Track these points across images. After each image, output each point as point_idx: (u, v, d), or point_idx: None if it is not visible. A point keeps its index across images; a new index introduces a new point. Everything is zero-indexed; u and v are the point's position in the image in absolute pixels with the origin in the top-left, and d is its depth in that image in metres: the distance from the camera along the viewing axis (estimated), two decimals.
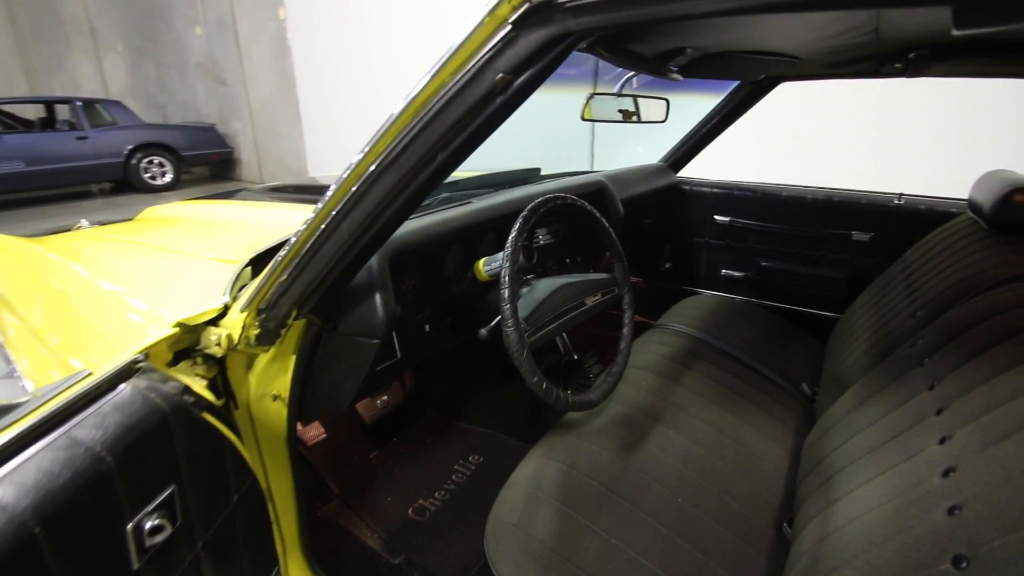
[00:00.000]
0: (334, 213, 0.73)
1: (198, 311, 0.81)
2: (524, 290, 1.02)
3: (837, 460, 0.91)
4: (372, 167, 0.67)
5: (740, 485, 1.05)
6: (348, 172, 0.69)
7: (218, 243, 1.31)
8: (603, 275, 1.13)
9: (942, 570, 0.53)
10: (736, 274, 2.07)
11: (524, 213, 0.92)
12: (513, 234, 0.87)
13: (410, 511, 1.45)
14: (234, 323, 0.82)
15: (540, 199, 0.97)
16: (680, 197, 2.13)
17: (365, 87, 5.88)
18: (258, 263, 0.99)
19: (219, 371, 0.83)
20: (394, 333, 1.06)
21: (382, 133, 0.65)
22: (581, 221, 1.13)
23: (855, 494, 0.78)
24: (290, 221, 1.28)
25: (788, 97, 2.10)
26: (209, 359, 0.81)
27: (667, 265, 2.22)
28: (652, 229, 2.18)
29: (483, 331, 0.96)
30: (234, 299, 0.85)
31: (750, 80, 1.81)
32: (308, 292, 0.78)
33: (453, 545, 1.35)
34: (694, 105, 2.02)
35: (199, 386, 0.76)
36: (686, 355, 1.50)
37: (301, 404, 0.94)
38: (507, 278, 0.83)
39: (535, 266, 1.40)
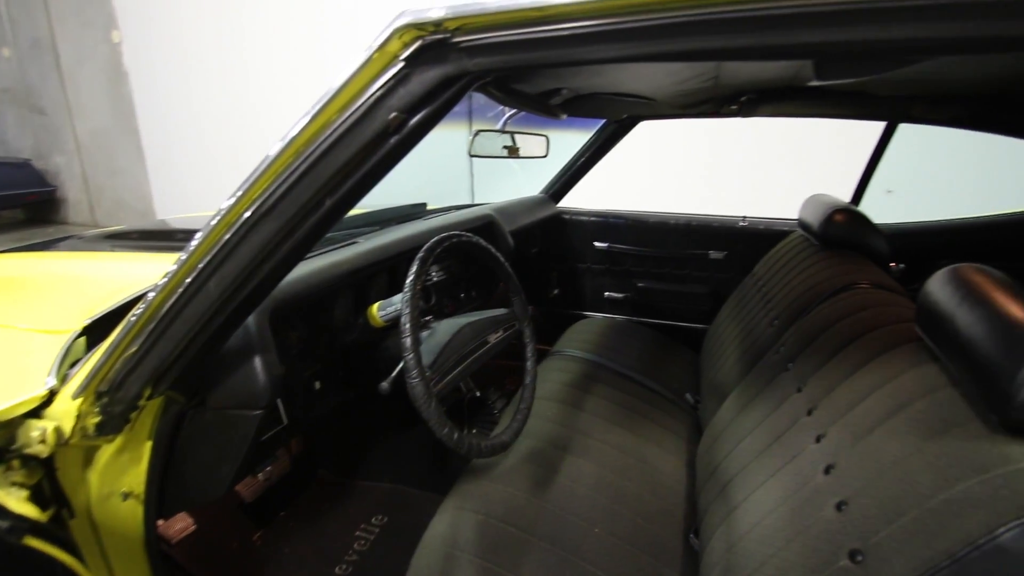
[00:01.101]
0: (200, 267, 0.62)
1: (11, 401, 0.63)
2: (425, 334, 0.96)
3: (730, 467, 0.98)
4: (247, 213, 0.59)
5: (648, 503, 1.09)
6: (217, 219, 0.60)
7: (38, 308, 1.07)
8: (502, 310, 1.12)
9: (842, 566, 0.58)
10: (617, 295, 2.21)
11: (421, 254, 0.87)
12: (411, 277, 0.82)
13: None
14: (64, 412, 0.66)
15: (436, 239, 0.94)
16: (562, 226, 2.23)
17: (223, 116, 5.39)
18: (95, 332, 0.81)
19: (45, 474, 0.66)
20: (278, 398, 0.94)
21: (257, 176, 0.57)
22: (475, 256, 1.12)
23: (752, 499, 0.84)
24: (136, 276, 1.08)
25: (650, 134, 2.32)
26: (30, 461, 0.64)
27: (556, 291, 2.30)
28: (539, 258, 2.25)
29: (384, 384, 0.88)
30: (63, 381, 0.69)
31: (614, 118, 1.97)
32: (166, 366, 0.66)
33: None
34: (568, 140, 2.15)
35: (16, 500, 0.59)
36: (584, 379, 1.54)
37: (162, 499, 0.78)
38: (408, 325, 0.77)
39: (432, 306, 1.35)
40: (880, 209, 1.82)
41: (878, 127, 1.74)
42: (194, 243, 0.63)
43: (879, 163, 1.79)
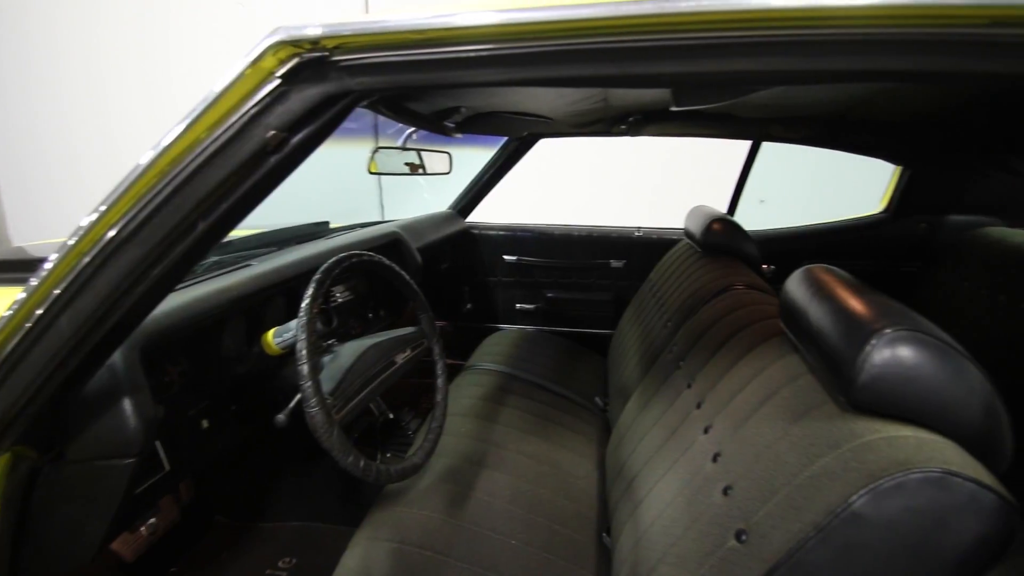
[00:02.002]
0: (54, 296, 0.55)
1: None
2: (326, 359, 0.92)
3: (634, 464, 1.03)
4: (111, 233, 0.53)
5: (563, 508, 1.11)
6: (75, 239, 0.53)
7: None
8: (410, 329, 1.10)
9: (730, 547, 0.63)
10: (528, 306, 2.26)
11: (317, 276, 0.84)
12: (306, 301, 0.78)
13: None
14: None
15: (334, 259, 0.90)
16: (471, 241, 2.24)
17: (90, 125, 4.79)
18: None
19: None
20: (158, 442, 0.84)
21: (123, 191, 0.52)
22: (381, 275, 1.09)
23: (654, 492, 0.89)
24: None
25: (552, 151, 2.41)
26: None
27: (468, 306, 2.31)
28: (450, 273, 2.25)
29: (280, 416, 0.82)
30: None
31: (516, 136, 2.04)
32: (11, 417, 0.57)
33: None
34: (472, 156, 2.18)
35: None
36: (498, 392, 1.55)
37: (14, 570, 0.67)
38: (304, 351, 0.73)
39: (335, 329, 1.29)
40: (755, 217, 2.05)
41: (748, 145, 1.96)
42: (46, 268, 0.55)
43: (748, 177, 2.01)
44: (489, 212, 2.32)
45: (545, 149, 2.11)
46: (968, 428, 0.56)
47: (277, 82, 0.49)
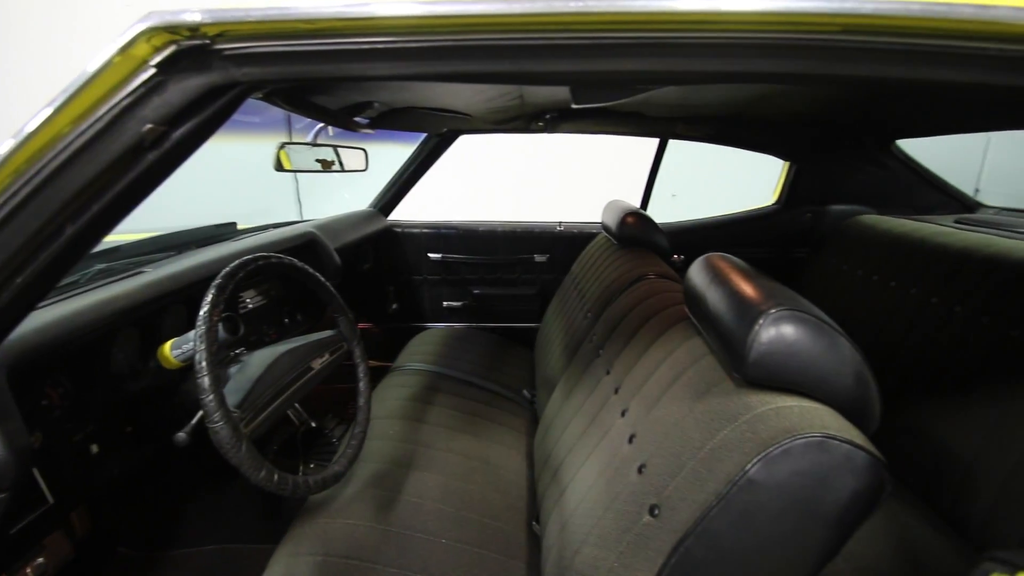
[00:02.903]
0: None
1: None
2: (233, 370, 0.86)
3: (559, 452, 1.06)
4: None
5: (493, 502, 1.12)
6: None
7: None
8: (327, 332, 1.06)
9: (645, 522, 0.67)
10: (456, 304, 2.25)
11: (217, 280, 0.78)
12: (205, 308, 0.73)
13: None
14: None
15: (237, 262, 0.85)
16: (394, 239, 2.19)
17: None
18: None
19: None
20: (36, 471, 0.75)
21: None
22: (295, 277, 1.04)
23: (577, 478, 0.92)
24: None
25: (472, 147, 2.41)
26: None
27: (394, 306, 2.25)
28: (373, 273, 2.19)
29: (181, 435, 0.76)
30: None
31: (435, 132, 2.01)
32: None
33: None
34: (399, 154, 2.13)
35: None
36: (426, 391, 1.54)
37: None
38: (204, 363, 0.68)
39: (246, 336, 1.21)
40: (669, 210, 2.18)
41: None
42: None
43: (658, 173, 2.13)
44: (413, 210, 2.28)
45: (470, 146, 2.11)
46: (842, 395, 0.63)
47: (152, 71, 0.45)
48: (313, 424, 1.44)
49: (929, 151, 2.02)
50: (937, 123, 1.64)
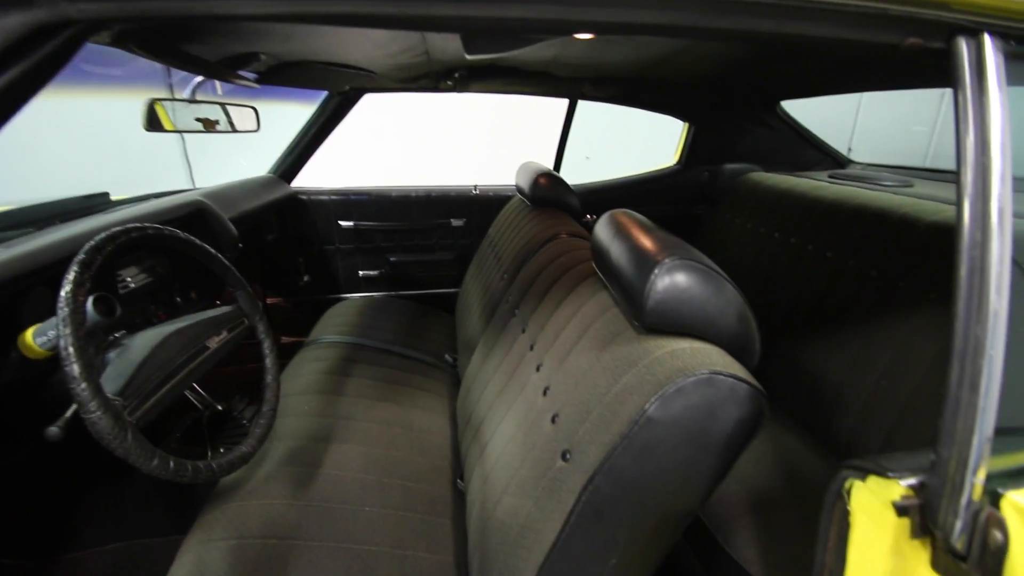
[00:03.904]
0: None
1: None
2: (112, 355, 0.78)
3: (480, 410, 1.09)
4: None
5: (418, 465, 1.13)
6: None
7: None
8: (224, 309, 0.98)
9: (558, 466, 0.70)
10: (372, 273, 2.18)
11: (80, 256, 0.69)
12: (66, 288, 0.64)
13: None
14: None
15: (104, 234, 0.75)
16: (301, 208, 2.06)
17: None
18: None
19: None
20: None
21: None
22: (182, 251, 0.94)
23: (497, 433, 0.95)
24: None
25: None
26: None
27: (306, 278, 2.14)
28: (279, 244, 2.05)
29: (53, 429, 0.68)
30: None
31: (336, 91, 1.88)
32: None
33: None
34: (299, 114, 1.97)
35: None
36: (343, 363, 1.49)
37: None
38: (71, 349, 0.61)
39: (130, 319, 1.10)
40: (584, 172, 2.22)
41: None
42: None
43: (569, 134, 2.15)
44: (319, 175, 2.15)
45: (379, 106, 2.00)
46: (728, 335, 0.69)
47: None
48: (220, 407, 1.36)
49: (811, 113, 2.21)
50: (815, 84, 1.78)
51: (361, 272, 2.18)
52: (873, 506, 0.51)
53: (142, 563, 1.24)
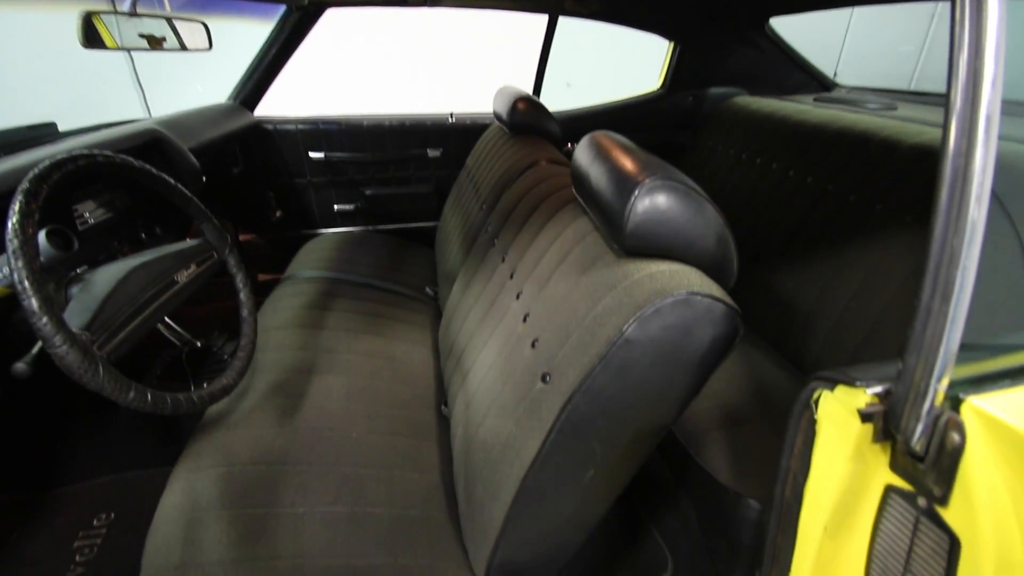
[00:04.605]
0: None
1: None
2: (75, 290, 0.75)
3: (461, 339, 1.10)
4: None
5: (401, 394, 1.15)
6: None
7: None
8: (191, 242, 0.94)
9: (538, 388, 0.72)
10: (347, 207, 2.11)
11: (24, 186, 0.64)
12: (13, 219, 0.60)
13: None
14: None
15: (48, 162, 0.70)
16: (266, 138, 1.95)
17: None
18: None
19: None
20: None
21: None
22: (142, 184, 0.89)
23: (479, 360, 0.96)
24: None
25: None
26: None
27: (278, 213, 2.07)
28: (247, 178, 1.95)
29: (19, 365, 0.66)
30: None
31: (294, 4, 1.73)
32: None
33: None
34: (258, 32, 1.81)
35: None
36: (322, 298, 1.48)
37: None
38: (25, 283, 0.57)
39: (90, 254, 1.05)
40: (566, 100, 2.13)
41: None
42: None
43: (548, 56, 2.04)
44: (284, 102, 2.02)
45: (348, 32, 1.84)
46: (707, 256, 0.69)
47: None
48: (199, 344, 1.35)
49: (799, 36, 2.12)
50: None
51: (336, 206, 2.11)
52: (839, 414, 0.53)
53: (134, 494, 1.28)
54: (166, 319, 1.32)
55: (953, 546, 0.47)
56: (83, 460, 1.34)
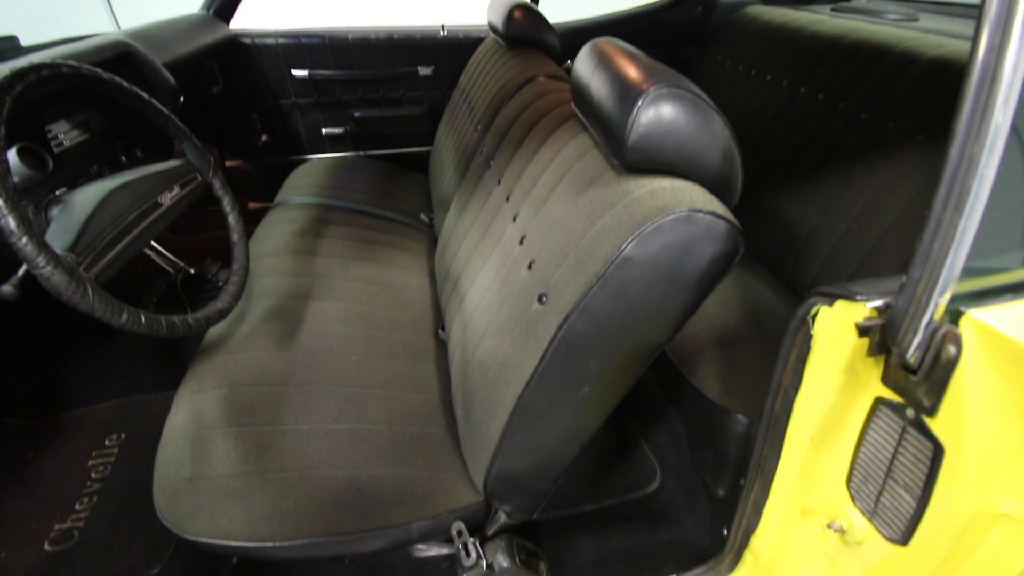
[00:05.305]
0: None
1: None
2: (55, 211, 0.72)
3: (457, 264, 1.08)
4: None
5: (398, 319, 1.16)
6: None
7: None
8: (172, 162, 0.90)
9: (535, 309, 0.71)
10: (336, 130, 2.02)
11: None
12: None
13: (47, 546, 1.08)
14: None
15: (8, 72, 0.65)
16: (246, 54, 1.82)
17: None
18: None
19: None
20: None
21: None
22: (117, 102, 0.83)
23: (475, 284, 0.96)
24: None
25: None
26: None
27: (264, 138, 1.98)
28: (228, 99, 1.85)
29: (5, 287, 0.65)
30: None
31: None
32: None
33: (134, 538, 1.10)
34: None
35: None
36: (315, 224, 1.45)
37: None
38: (0, 202, 0.55)
39: (69, 177, 1.01)
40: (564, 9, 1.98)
41: None
42: None
43: None
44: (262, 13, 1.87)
45: None
46: (712, 171, 0.66)
47: None
48: (192, 271, 1.34)
49: None
50: None
51: (324, 130, 2.02)
52: (836, 328, 0.53)
53: (141, 416, 1.32)
54: (157, 247, 1.30)
55: (936, 453, 0.48)
56: (89, 386, 1.37)
